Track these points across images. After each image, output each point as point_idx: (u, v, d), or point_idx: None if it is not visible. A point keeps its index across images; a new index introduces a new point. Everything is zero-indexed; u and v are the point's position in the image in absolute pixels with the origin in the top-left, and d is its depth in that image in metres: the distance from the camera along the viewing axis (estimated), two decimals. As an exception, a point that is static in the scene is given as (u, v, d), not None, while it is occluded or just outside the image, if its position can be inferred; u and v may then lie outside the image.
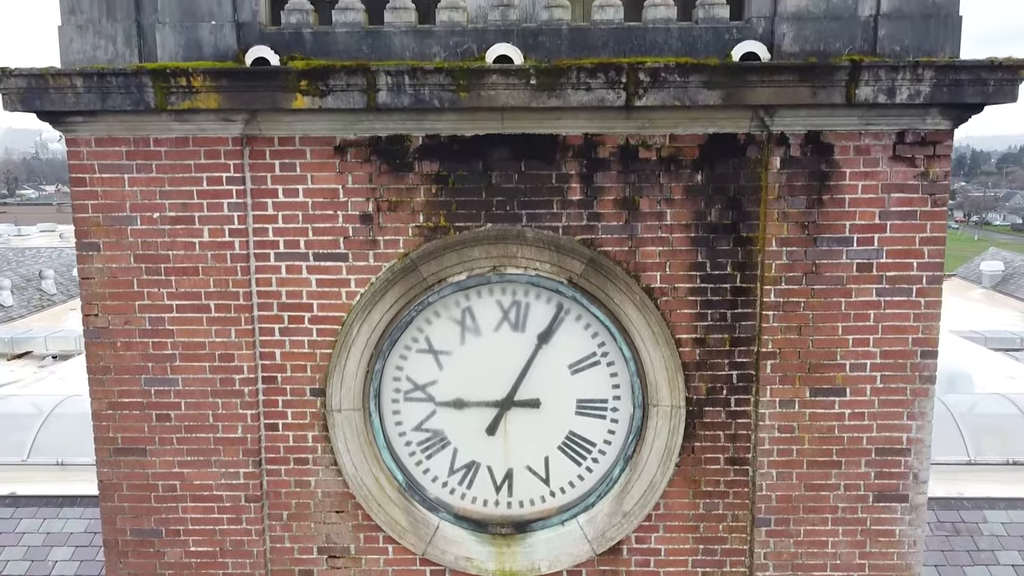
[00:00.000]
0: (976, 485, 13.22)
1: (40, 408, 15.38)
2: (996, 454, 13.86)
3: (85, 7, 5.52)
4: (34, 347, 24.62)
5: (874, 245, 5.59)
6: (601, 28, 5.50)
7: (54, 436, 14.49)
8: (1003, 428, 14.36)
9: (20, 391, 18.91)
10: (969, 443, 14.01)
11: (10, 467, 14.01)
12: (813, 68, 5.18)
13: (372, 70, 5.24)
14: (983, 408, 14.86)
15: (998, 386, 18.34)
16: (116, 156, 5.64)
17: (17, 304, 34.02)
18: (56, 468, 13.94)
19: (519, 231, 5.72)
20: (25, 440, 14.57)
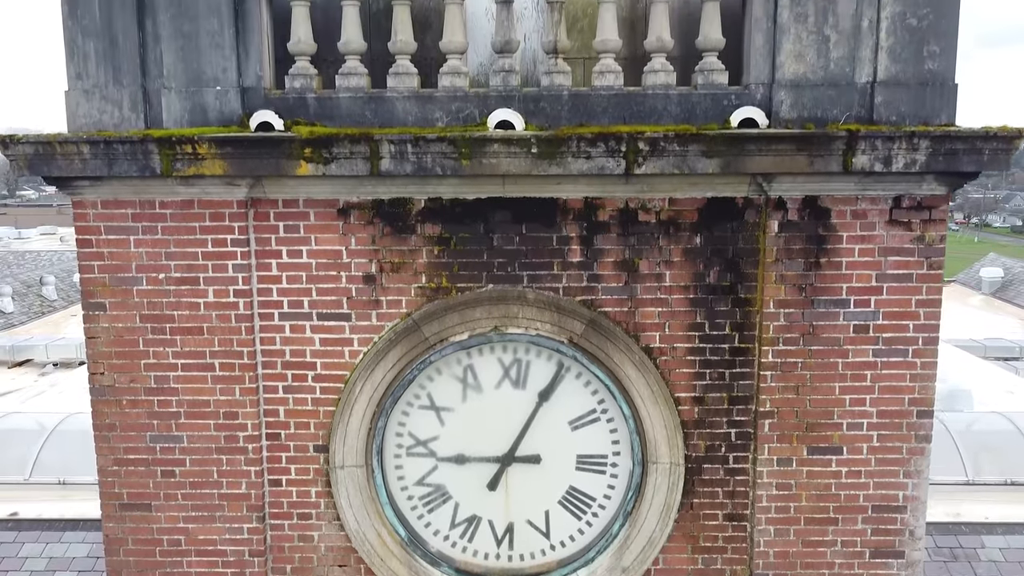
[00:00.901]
0: (975, 506, 13.27)
1: (43, 425, 15.43)
2: (995, 474, 13.90)
3: (92, 72, 5.60)
4: (34, 355, 24.71)
5: (871, 307, 5.66)
6: (601, 94, 5.57)
7: (56, 454, 14.54)
8: (1002, 447, 14.39)
9: (23, 407, 18.97)
10: (967, 462, 14.05)
11: (12, 486, 14.08)
12: (810, 138, 5.25)
13: (375, 138, 5.31)
14: (981, 426, 14.89)
15: (997, 401, 18.40)
16: (122, 218, 5.71)
17: (18, 310, 34.10)
18: (58, 487, 13.99)
19: (520, 292, 5.79)
20: (27, 458, 14.63)
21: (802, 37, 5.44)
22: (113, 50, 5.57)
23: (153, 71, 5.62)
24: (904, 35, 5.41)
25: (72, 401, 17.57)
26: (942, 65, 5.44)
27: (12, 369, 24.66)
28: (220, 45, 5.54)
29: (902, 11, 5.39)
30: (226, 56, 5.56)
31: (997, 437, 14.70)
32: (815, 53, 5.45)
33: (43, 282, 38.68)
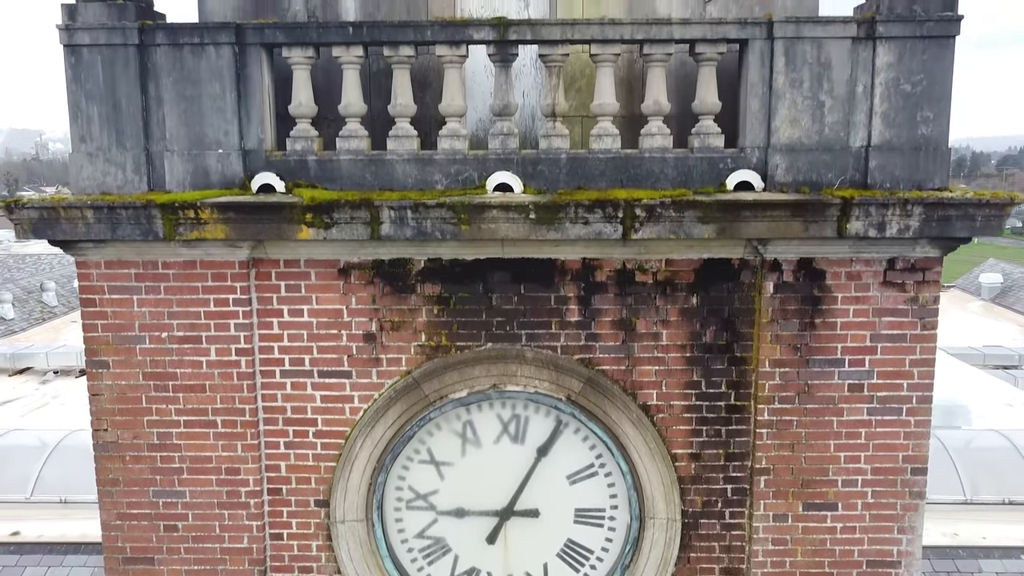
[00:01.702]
0: (972, 525, 13.35)
1: (44, 442, 15.52)
2: (992, 493, 13.96)
3: (95, 135, 5.66)
4: (35, 363, 24.81)
5: (865, 367, 5.73)
6: (599, 157, 5.64)
7: (58, 472, 14.63)
8: (999, 466, 14.46)
9: (25, 422, 19.02)
10: (965, 482, 14.12)
11: (14, 505, 14.16)
12: (805, 204, 5.31)
13: (375, 204, 5.38)
14: (979, 445, 14.95)
15: (995, 416, 18.44)
16: (125, 278, 5.77)
17: (18, 317, 34.18)
18: (59, 506, 14.08)
19: (519, 351, 5.85)
20: (29, 477, 14.71)
21: (797, 102, 5.50)
22: (116, 114, 5.64)
23: (156, 134, 5.69)
24: (898, 101, 5.48)
25: (73, 416, 17.65)
26: (935, 130, 5.51)
27: (13, 377, 24.75)
28: (222, 109, 5.61)
29: (896, 77, 5.45)
30: (228, 120, 5.62)
31: (995, 456, 14.76)
32: (810, 118, 5.52)
33: (44, 288, 38.76)
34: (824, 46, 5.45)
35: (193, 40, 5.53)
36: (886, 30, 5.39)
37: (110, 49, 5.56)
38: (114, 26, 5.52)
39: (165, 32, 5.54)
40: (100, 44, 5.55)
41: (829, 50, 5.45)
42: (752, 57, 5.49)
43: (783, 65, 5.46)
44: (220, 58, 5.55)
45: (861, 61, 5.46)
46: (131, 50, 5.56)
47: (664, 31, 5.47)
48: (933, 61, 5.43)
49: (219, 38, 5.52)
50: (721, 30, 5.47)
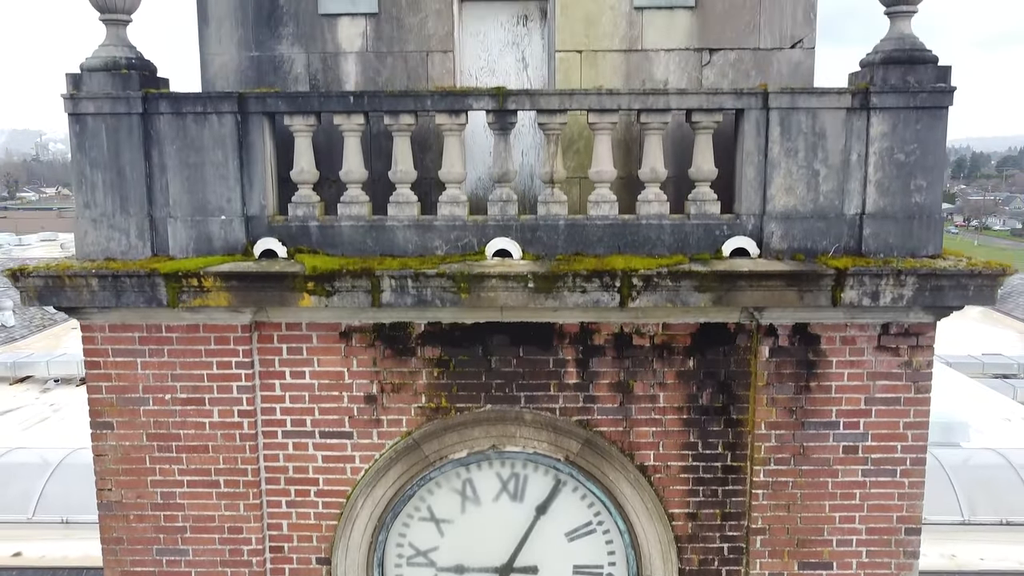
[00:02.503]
0: (970, 546, 13.43)
1: (46, 460, 15.61)
2: (990, 513, 14.04)
3: (100, 201, 5.74)
4: (36, 371, 24.92)
5: (860, 429, 5.80)
6: (597, 224, 5.71)
7: (60, 491, 14.73)
8: (997, 486, 14.53)
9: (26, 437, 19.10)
10: (963, 502, 14.20)
11: (16, 525, 14.25)
12: (799, 275, 5.39)
13: (376, 273, 5.45)
14: (976, 464, 15.02)
15: (994, 431, 18.51)
16: (129, 341, 5.85)
17: (19, 324, 34.21)
18: (61, 527, 14.17)
19: (518, 413, 5.93)
20: (31, 496, 14.81)
21: (792, 171, 5.58)
22: (120, 180, 5.71)
23: (159, 200, 5.76)
24: (892, 169, 5.55)
25: (75, 432, 17.74)
26: (929, 198, 5.58)
27: (13, 386, 24.85)
28: (225, 176, 5.69)
29: (890, 147, 5.53)
30: (231, 187, 5.70)
31: (992, 475, 14.82)
32: (805, 186, 5.59)
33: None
34: (819, 116, 5.52)
35: (196, 109, 5.61)
36: (880, 101, 5.47)
37: (114, 118, 5.64)
38: (118, 95, 5.60)
39: (168, 101, 5.61)
40: (104, 113, 5.63)
41: (824, 120, 5.52)
42: (748, 126, 5.56)
43: (778, 135, 5.53)
44: (223, 126, 5.62)
45: (855, 130, 5.54)
46: (135, 118, 5.64)
47: (661, 101, 5.55)
48: (926, 131, 5.51)
49: (222, 107, 5.60)
50: (717, 100, 5.54)
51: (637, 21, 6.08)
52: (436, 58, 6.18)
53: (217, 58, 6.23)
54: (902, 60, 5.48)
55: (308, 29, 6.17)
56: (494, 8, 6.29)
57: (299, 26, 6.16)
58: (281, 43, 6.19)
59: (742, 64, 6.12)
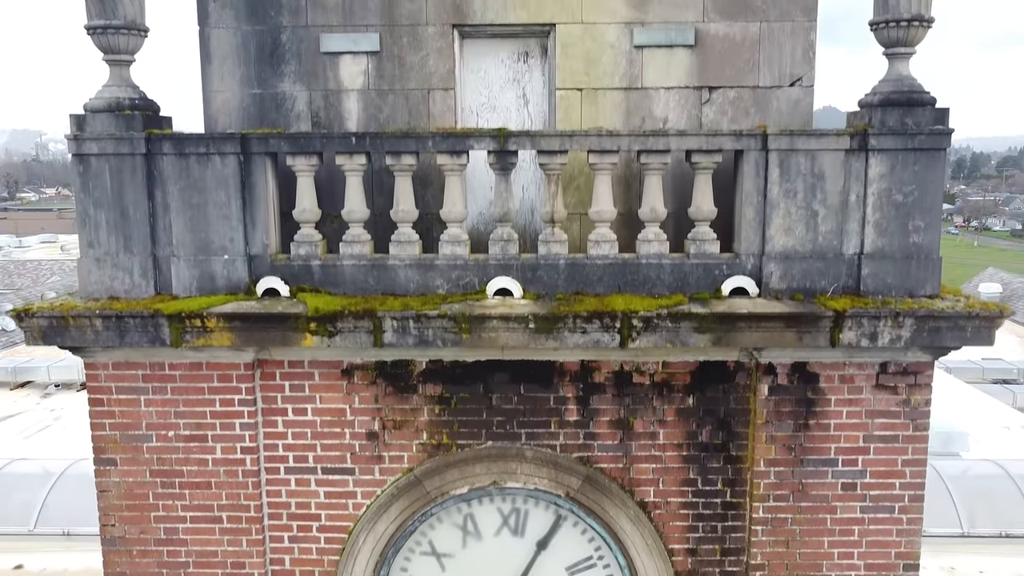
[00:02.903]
0: (970, 558, 13.48)
1: (48, 471, 15.65)
2: (989, 525, 14.07)
3: (103, 241, 5.78)
4: (36, 376, 25.05)
5: (858, 466, 5.84)
6: (597, 263, 5.75)
7: (62, 502, 14.77)
8: (996, 498, 14.56)
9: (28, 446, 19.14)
10: (962, 514, 14.23)
11: (18, 537, 14.30)
12: (798, 316, 5.42)
13: (378, 315, 5.49)
14: (976, 475, 15.05)
15: (993, 440, 18.55)
16: (133, 379, 5.89)
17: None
18: (62, 538, 14.23)
19: (518, 449, 5.97)
20: (33, 508, 14.85)
21: (791, 212, 5.62)
22: (123, 220, 5.75)
23: (162, 239, 5.80)
24: (890, 210, 5.59)
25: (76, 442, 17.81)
26: (927, 239, 5.62)
27: (14, 391, 24.94)
28: (227, 216, 5.73)
29: (888, 188, 5.57)
30: (233, 226, 5.74)
31: (991, 487, 14.85)
32: (804, 227, 5.63)
33: (44, 299, 38.82)
34: (818, 158, 5.56)
35: (199, 150, 5.65)
36: (878, 143, 5.50)
37: (117, 158, 5.68)
38: (121, 136, 5.64)
39: (172, 142, 5.65)
40: (108, 153, 5.66)
41: (823, 161, 5.56)
42: (747, 167, 5.60)
43: (777, 176, 5.57)
44: (226, 167, 5.66)
45: (854, 172, 5.58)
46: (138, 159, 5.68)
47: (661, 142, 5.59)
48: (924, 172, 5.55)
49: (225, 148, 5.64)
50: (716, 141, 5.58)
51: (637, 59, 6.12)
52: (437, 96, 6.22)
53: (220, 95, 6.27)
54: (900, 102, 5.51)
55: (310, 67, 6.21)
56: (495, 45, 6.32)
57: (301, 64, 6.20)
58: (283, 81, 6.23)
59: (741, 102, 6.16)
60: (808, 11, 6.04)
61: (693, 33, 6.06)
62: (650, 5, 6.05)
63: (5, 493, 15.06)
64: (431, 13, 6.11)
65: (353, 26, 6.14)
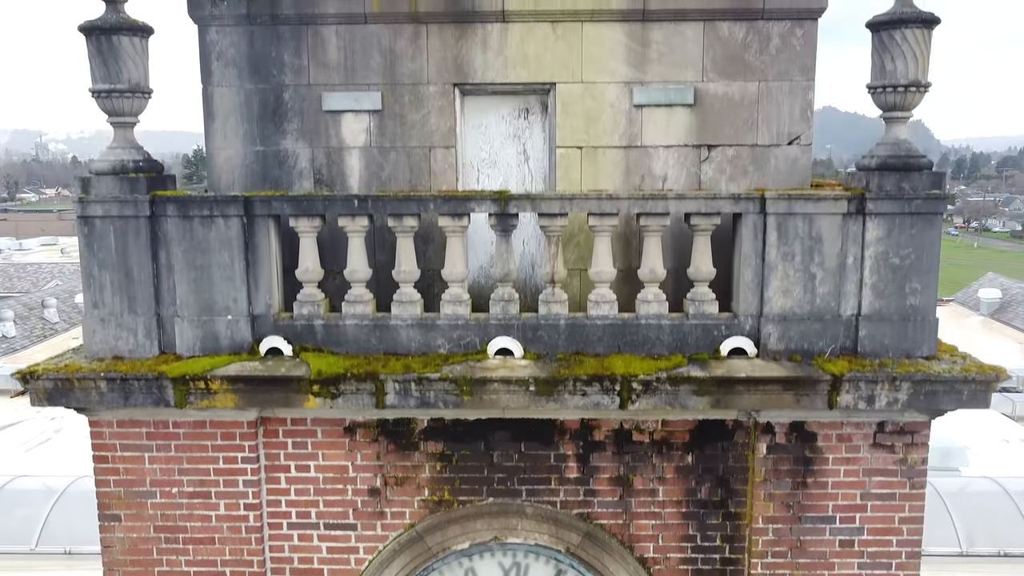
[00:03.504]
0: (968, 578, 13.50)
1: (50, 488, 15.66)
2: (988, 544, 14.09)
3: (107, 301, 5.83)
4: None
5: (856, 523, 5.90)
6: (597, 323, 5.81)
7: (64, 520, 14.78)
8: (994, 516, 14.57)
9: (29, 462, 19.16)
10: (961, 532, 14.24)
11: (19, 556, 14.33)
12: (796, 380, 5.48)
13: (380, 378, 5.55)
14: (974, 492, 15.06)
15: (992, 455, 18.57)
16: (137, 436, 5.95)
17: (20, 335, 34.36)
18: (64, 557, 14.25)
19: (519, 506, 6.03)
20: (34, 526, 14.86)
21: (789, 274, 5.67)
22: (128, 281, 5.81)
23: (166, 299, 5.86)
24: (887, 273, 5.65)
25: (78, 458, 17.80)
26: (923, 301, 5.68)
27: (14, 398, 24.99)
28: (231, 277, 5.78)
29: (885, 251, 5.62)
30: (237, 287, 5.79)
31: (989, 505, 14.86)
32: (802, 289, 5.69)
33: (45, 305, 38.97)
34: (815, 221, 5.61)
35: (203, 212, 5.70)
36: (876, 207, 5.56)
37: (122, 220, 5.73)
38: (126, 199, 5.69)
39: (176, 204, 5.71)
40: (112, 216, 5.72)
41: (820, 225, 5.62)
42: (745, 230, 5.66)
43: (776, 239, 5.63)
44: (229, 229, 5.72)
45: (851, 235, 5.63)
46: (142, 221, 5.74)
47: (660, 205, 5.65)
48: (921, 236, 5.60)
49: (228, 211, 5.69)
50: (715, 204, 5.64)
51: (637, 118, 6.17)
52: (439, 153, 6.27)
53: (223, 152, 6.32)
54: (897, 167, 5.57)
55: (312, 125, 6.26)
56: (496, 101, 6.38)
57: (304, 122, 6.26)
58: (286, 138, 6.29)
59: (740, 160, 6.22)
60: (806, 71, 6.09)
61: (692, 93, 6.11)
62: (649, 65, 6.11)
63: (7, 510, 15.07)
64: (432, 73, 6.16)
65: (355, 85, 6.19)
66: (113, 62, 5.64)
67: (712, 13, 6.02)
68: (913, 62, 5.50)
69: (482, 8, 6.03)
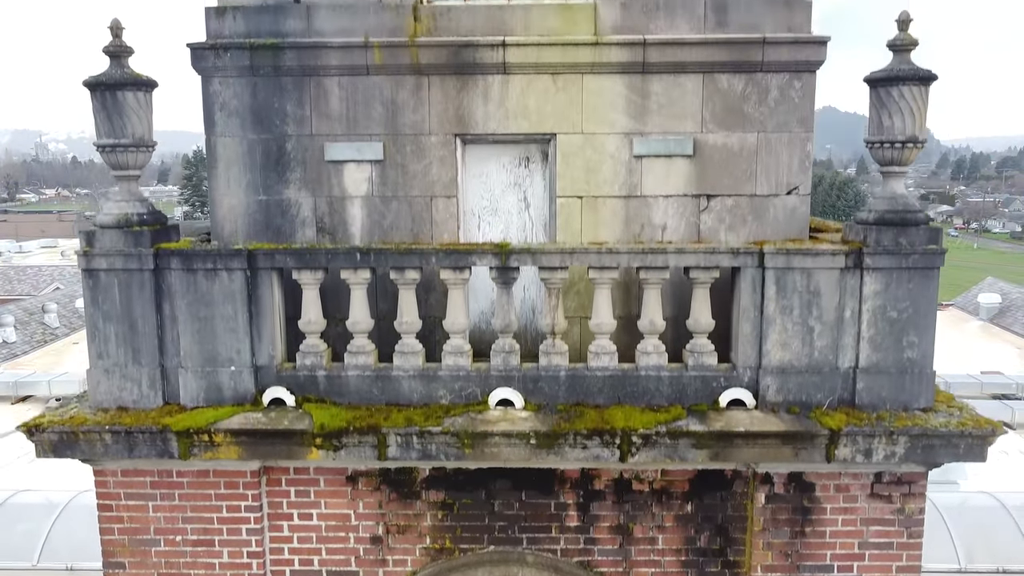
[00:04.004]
0: (967, 595, 13.52)
1: (52, 503, 15.66)
2: (987, 561, 14.10)
3: (112, 352, 5.89)
4: (37, 391, 25.11)
5: (853, 572, 5.96)
6: (597, 375, 5.86)
7: (65, 535, 14.78)
8: (993, 532, 14.58)
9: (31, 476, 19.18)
10: (960, 549, 14.26)
11: (20, 572, 14.35)
12: (795, 435, 5.53)
13: (383, 431, 5.60)
14: (972, 508, 15.07)
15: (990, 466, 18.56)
16: (141, 485, 6.00)
17: (20, 340, 34.37)
18: (65, 573, 14.27)
19: (520, 554, 6.08)
20: (36, 541, 14.86)
21: (787, 327, 5.72)
22: (132, 333, 5.86)
23: (170, 350, 5.91)
24: (884, 326, 5.70)
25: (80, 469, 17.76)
26: (920, 353, 5.73)
27: (15, 405, 25.03)
28: (234, 329, 5.83)
29: (882, 304, 5.67)
30: (240, 339, 5.84)
31: (988, 520, 14.87)
32: (800, 342, 5.74)
33: (45, 310, 39.02)
34: (814, 275, 5.66)
35: (207, 266, 5.75)
36: (873, 262, 5.61)
37: (126, 273, 5.78)
38: (130, 252, 5.74)
39: (180, 258, 5.76)
40: (117, 269, 5.77)
41: (818, 279, 5.67)
42: (744, 284, 5.71)
43: (774, 293, 5.68)
44: (232, 282, 5.77)
45: (849, 288, 5.68)
46: (147, 274, 5.79)
47: (659, 259, 5.70)
48: (918, 290, 5.65)
49: (232, 264, 5.74)
50: (714, 259, 5.69)
51: (636, 169, 6.23)
52: (440, 202, 6.32)
53: (226, 200, 6.38)
54: (895, 222, 5.62)
55: (315, 174, 6.31)
56: (496, 150, 6.43)
57: (306, 171, 6.31)
58: (288, 187, 6.34)
59: (739, 209, 6.27)
60: (804, 122, 6.15)
61: (691, 143, 6.17)
62: (649, 116, 6.16)
63: (8, 525, 15.09)
64: (434, 123, 6.22)
65: (357, 135, 6.25)
66: (118, 117, 5.68)
67: (711, 66, 6.08)
68: (911, 118, 5.56)
69: (483, 61, 6.09)
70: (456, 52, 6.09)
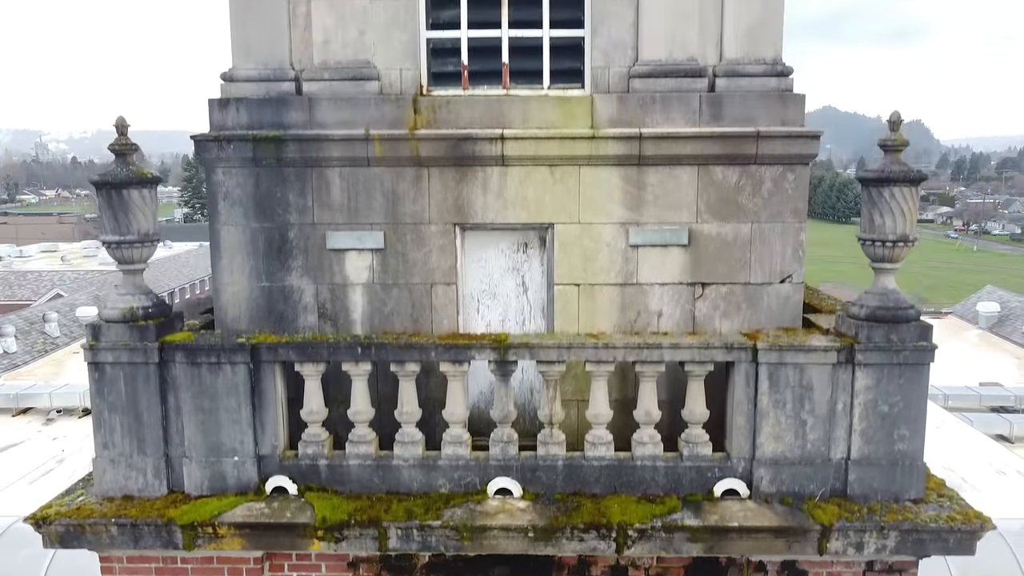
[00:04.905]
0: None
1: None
2: (987, 596, 14.26)
3: (118, 442, 6.00)
4: (38, 403, 25.21)
5: (846, 656, 6.07)
6: (593, 464, 5.97)
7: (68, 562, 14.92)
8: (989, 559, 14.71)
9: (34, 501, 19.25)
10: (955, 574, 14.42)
11: (23, 601, 14.45)
12: (787, 530, 5.65)
13: (384, 524, 5.71)
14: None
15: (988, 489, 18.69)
16: (146, 572, 6.12)
17: (21, 350, 34.52)
18: (69, 600, 14.39)
19: (518, 638, 6.20)
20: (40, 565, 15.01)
21: (780, 421, 5.83)
22: (137, 424, 5.97)
23: (175, 440, 6.02)
24: (876, 420, 5.81)
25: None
26: (911, 446, 5.84)
27: (16, 417, 25.15)
28: (238, 420, 5.94)
29: (874, 399, 5.78)
30: (243, 430, 5.96)
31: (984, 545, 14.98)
32: (793, 435, 5.85)
33: (46, 319, 39.18)
34: (806, 370, 5.77)
35: (210, 359, 5.86)
36: (865, 358, 5.72)
37: (131, 366, 5.89)
38: (135, 346, 5.85)
39: (184, 352, 5.87)
40: (122, 362, 5.87)
41: (811, 374, 5.78)
42: (738, 378, 5.82)
43: (767, 387, 5.79)
44: (236, 375, 5.88)
45: (841, 383, 5.79)
46: (151, 367, 5.89)
47: (655, 354, 5.80)
48: (909, 385, 5.76)
49: (235, 358, 5.85)
50: (709, 353, 5.80)
51: (632, 257, 6.34)
52: (440, 289, 6.44)
53: (230, 287, 6.48)
54: (886, 319, 5.73)
55: (317, 262, 6.42)
56: (495, 236, 6.54)
57: (308, 259, 6.42)
58: (291, 274, 6.45)
59: (734, 297, 6.38)
60: (798, 213, 6.25)
61: (687, 233, 6.27)
62: (645, 207, 6.27)
63: (12, 551, 15.20)
64: (434, 213, 6.33)
65: (359, 224, 6.35)
66: (123, 215, 5.79)
67: (706, 159, 6.18)
68: (901, 218, 5.66)
69: (482, 153, 6.19)
70: (455, 145, 6.20)
